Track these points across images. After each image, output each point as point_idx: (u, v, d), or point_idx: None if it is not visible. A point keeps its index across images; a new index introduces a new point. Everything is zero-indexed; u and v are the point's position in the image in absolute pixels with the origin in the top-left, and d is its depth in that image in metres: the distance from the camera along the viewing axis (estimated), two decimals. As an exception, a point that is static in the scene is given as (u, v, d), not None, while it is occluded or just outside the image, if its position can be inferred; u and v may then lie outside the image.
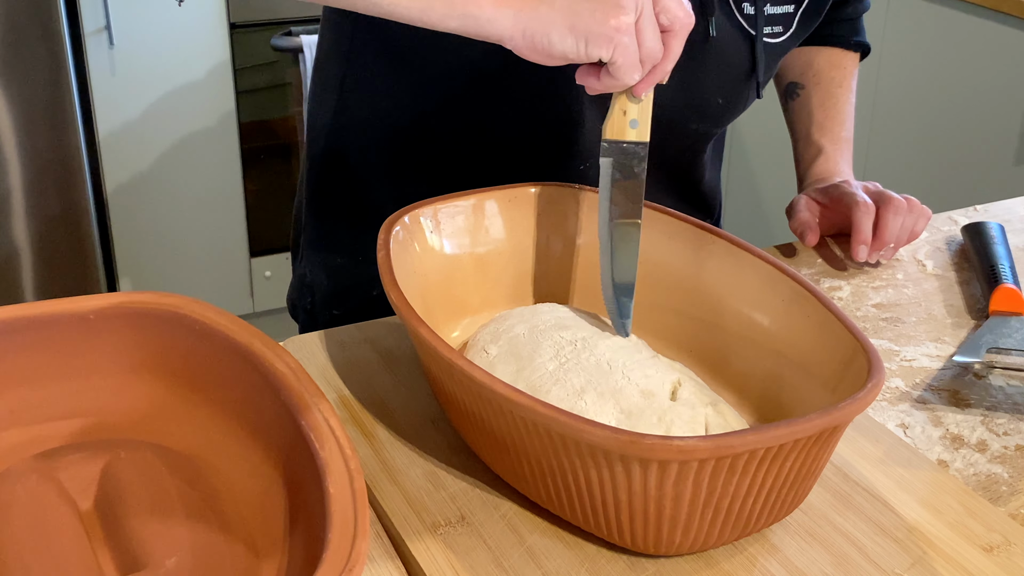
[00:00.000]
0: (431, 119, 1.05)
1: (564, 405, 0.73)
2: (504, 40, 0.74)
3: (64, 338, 0.77)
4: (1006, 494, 0.78)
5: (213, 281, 2.51)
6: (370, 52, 1.05)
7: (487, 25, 0.73)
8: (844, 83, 1.23)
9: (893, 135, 2.35)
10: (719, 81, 1.05)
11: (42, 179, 2.20)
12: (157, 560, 0.65)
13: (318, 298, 1.16)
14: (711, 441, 0.62)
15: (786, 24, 1.08)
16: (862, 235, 1.05)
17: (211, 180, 2.42)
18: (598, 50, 0.73)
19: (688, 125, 1.08)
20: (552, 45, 0.73)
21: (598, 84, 0.76)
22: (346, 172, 1.11)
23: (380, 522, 0.73)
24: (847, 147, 1.20)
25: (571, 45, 0.73)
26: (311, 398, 0.70)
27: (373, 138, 1.08)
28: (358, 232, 1.12)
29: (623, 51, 0.73)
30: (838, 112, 1.21)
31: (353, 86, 1.08)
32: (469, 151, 1.06)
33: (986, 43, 2.11)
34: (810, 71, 1.23)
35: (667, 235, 0.88)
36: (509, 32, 0.73)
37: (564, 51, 0.73)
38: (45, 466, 0.72)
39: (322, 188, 1.14)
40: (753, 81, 1.07)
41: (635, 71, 0.75)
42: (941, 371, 0.93)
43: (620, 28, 0.72)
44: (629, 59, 0.73)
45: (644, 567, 0.69)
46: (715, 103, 1.07)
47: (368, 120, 1.08)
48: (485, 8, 0.73)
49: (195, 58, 2.29)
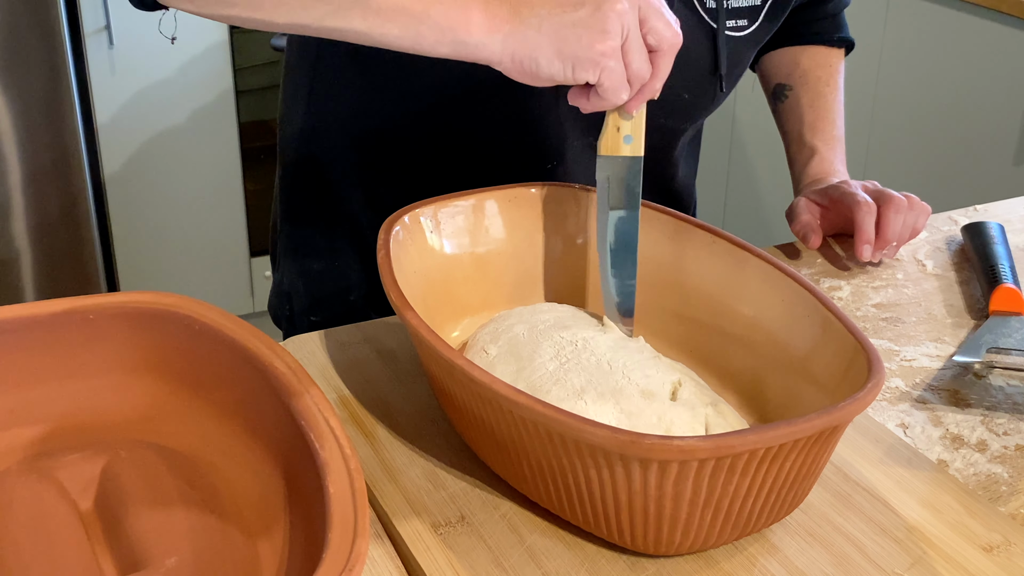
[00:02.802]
0: (399, 123, 1.05)
1: (564, 405, 0.73)
2: (494, 64, 0.75)
3: (64, 338, 0.77)
4: (1006, 494, 0.78)
5: (213, 281, 2.51)
6: (337, 59, 1.06)
7: (476, 50, 0.75)
8: (831, 81, 1.23)
9: (893, 135, 2.35)
10: (683, 76, 1.05)
11: (42, 179, 2.19)
12: (157, 560, 0.65)
13: (296, 306, 1.17)
14: (711, 441, 0.62)
15: (752, 17, 1.07)
16: (865, 235, 1.05)
17: (211, 180, 2.42)
18: (585, 74, 0.74)
19: (655, 121, 1.07)
20: (540, 69, 0.74)
21: (588, 104, 0.77)
22: (318, 179, 1.12)
23: (380, 522, 0.73)
24: (840, 146, 1.20)
25: (558, 69, 0.74)
26: (311, 398, 0.70)
27: (343, 144, 1.09)
28: (333, 238, 1.12)
29: (610, 74, 0.74)
30: (828, 111, 1.21)
31: (321, 94, 1.08)
32: (438, 154, 1.06)
33: (986, 43, 2.11)
34: (796, 72, 1.23)
35: (667, 235, 0.88)
36: (498, 56, 0.75)
37: (552, 75, 0.74)
38: (45, 466, 0.72)
39: (296, 196, 1.15)
40: (717, 75, 1.07)
41: (623, 92, 0.76)
42: (941, 371, 0.93)
43: (606, 53, 0.73)
44: (616, 82, 0.75)
45: (644, 567, 0.69)
46: (681, 98, 1.07)
47: (337, 126, 1.09)
48: (474, 34, 0.74)
49: (195, 58, 2.29)
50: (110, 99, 2.25)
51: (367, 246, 1.11)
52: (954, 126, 2.21)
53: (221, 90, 2.34)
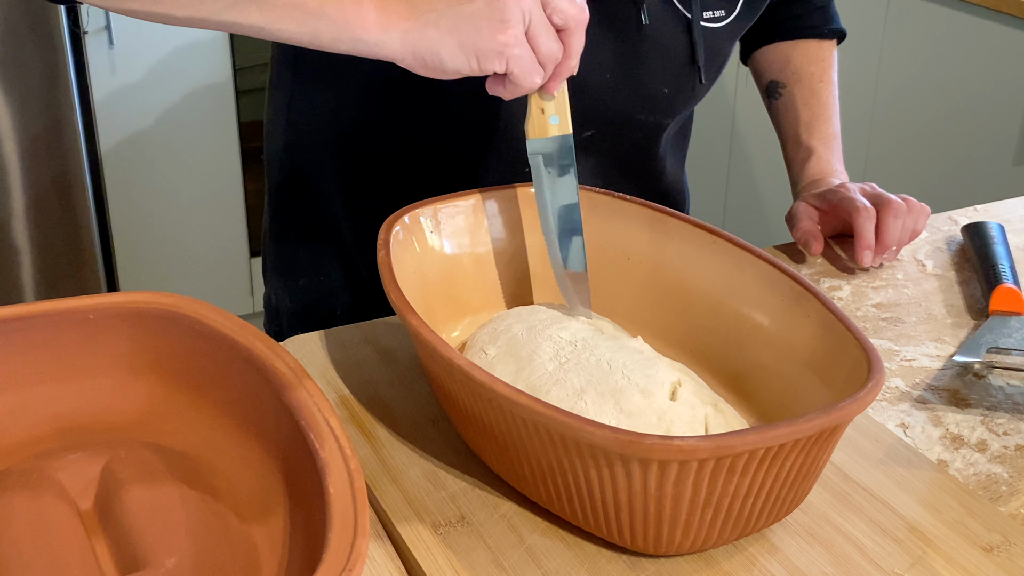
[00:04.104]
0: (376, 131, 1.05)
1: (564, 405, 0.73)
2: (396, 60, 0.74)
3: (64, 338, 0.77)
4: (1006, 494, 0.78)
5: (213, 281, 2.51)
6: (313, 68, 1.06)
7: (376, 48, 0.74)
8: (825, 77, 1.22)
9: (893, 135, 2.35)
10: (660, 69, 1.05)
11: (42, 179, 2.20)
12: (157, 560, 0.65)
13: (284, 322, 1.17)
14: (711, 441, 0.62)
15: (729, 8, 1.07)
16: (865, 240, 1.05)
17: (211, 180, 2.42)
18: (491, 65, 0.74)
19: (636, 116, 1.07)
20: (444, 63, 0.74)
21: (506, 92, 0.77)
22: (303, 194, 1.12)
23: (380, 522, 0.73)
24: (836, 144, 1.20)
25: (463, 62, 0.73)
26: (311, 398, 0.70)
27: (324, 155, 1.09)
28: (317, 252, 1.13)
29: (517, 62, 0.74)
30: (823, 109, 1.20)
31: (300, 105, 1.09)
32: (416, 161, 1.06)
33: (986, 43, 2.11)
34: (789, 68, 1.22)
35: (668, 235, 0.88)
36: (400, 53, 0.74)
37: (457, 68, 0.74)
38: (45, 466, 0.72)
39: (281, 212, 1.15)
40: (695, 67, 1.06)
41: (535, 76, 0.75)
42: (941, 371, 0.93)
43: (508, 42, 0.73)
44: (525, 67, 0.74)
45: (644, 567, 0.69)
46: (660, 92, 1.06)
47: (316, 136, 1.09)
48: (371, 32, 0.73)
49: (195, 58, 2.29)
50: (110, 99, 2.25)
51: (351, 261, 1.11)
52: (954, 126, 2.21)
53: (221, 90, 2.34)
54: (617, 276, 0.90)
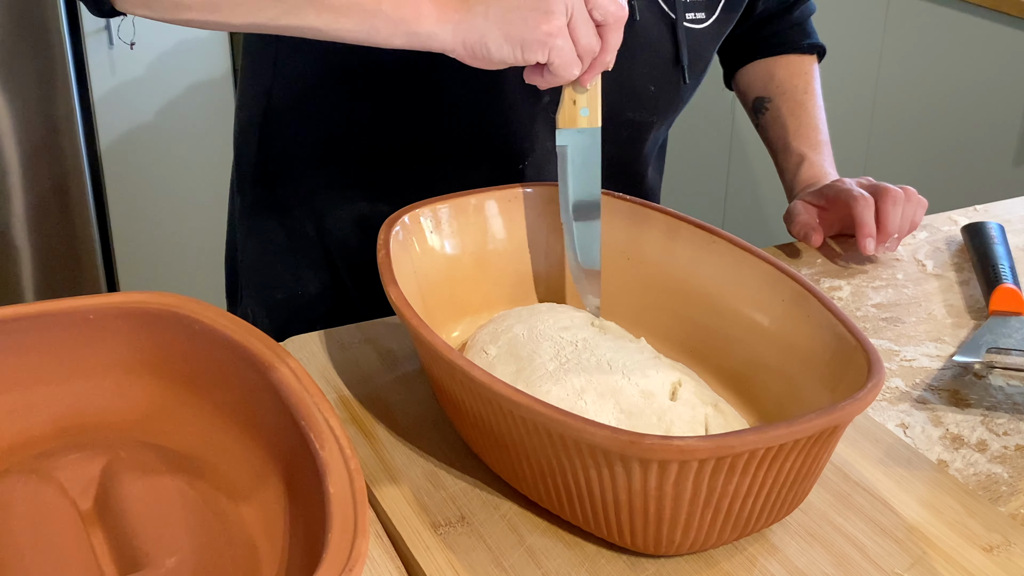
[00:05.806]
0: (367, 133, 1.05)
1: (564, 405, 0.73)
2: (447, 52, 0.79)
3: (64, 338, 0.77)
4: (1006, 494, 0.78)
5: (213, 281, 2.51)
6: (295, 74, 1.06)
7: (429, 40, 0.78)
8: (808, 89, 1.23)
9: (893, 135, 2.35)
10: (647, 67, 1.07)
11: (42, 179, 2.19)
12: (157, 560, 0.65)
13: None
14: (711, 441, 0.62)
15: (709, 11, 1.09)
16: (867, 228, 1.05)
17: (211, 180, 2.42)
18: (534, 55, 0.77)
19: (624, 114, 1.09)
20: (491, 53, 0.78)
21: (543, 82, 0.80)
22: (280, 206, 1.12)
23: (380, 522, 0.73)
24: (827, 150, 1.20)
25: (508, 52, 0.77)
26: (311, 398, 0.70)
27: (302, 161, 1.09)
28: (294, 264, 1.12)
29: (558, 52, 0.77)
30: (810, 118, 1.21)
31: (279, 112, 1.08)
32: (404, 161, 1.06)
33: (986, 43, 2.11)
34: (773, 82, 1.24)
35: (668, 235, 0.88)
36: (451, 44, 0.78)
37: (503, 58, 0.78)
38: (45, 466, 0.72)
39: (256, 225, 1.15)
40: (680, 67, 1.08)
41: (574, 67, 0.79)
42: (941, 371, 0.93)
43: (552, 32, 0.76)
44: (566, 58, 0.78)
45: (644, 567, 0.69)
46: (647, 90, 1.08)
47: (297, 139, 1.09)
48: (425, 25, 0.77)
49: (195, 58, 2.29)
50: (110, 99, 2.25)
51: (332, 269, 1.11)
52: (954, 126, 2.21)
53: (221, 89, 2.34)
54: (617, 276, 0.90)
